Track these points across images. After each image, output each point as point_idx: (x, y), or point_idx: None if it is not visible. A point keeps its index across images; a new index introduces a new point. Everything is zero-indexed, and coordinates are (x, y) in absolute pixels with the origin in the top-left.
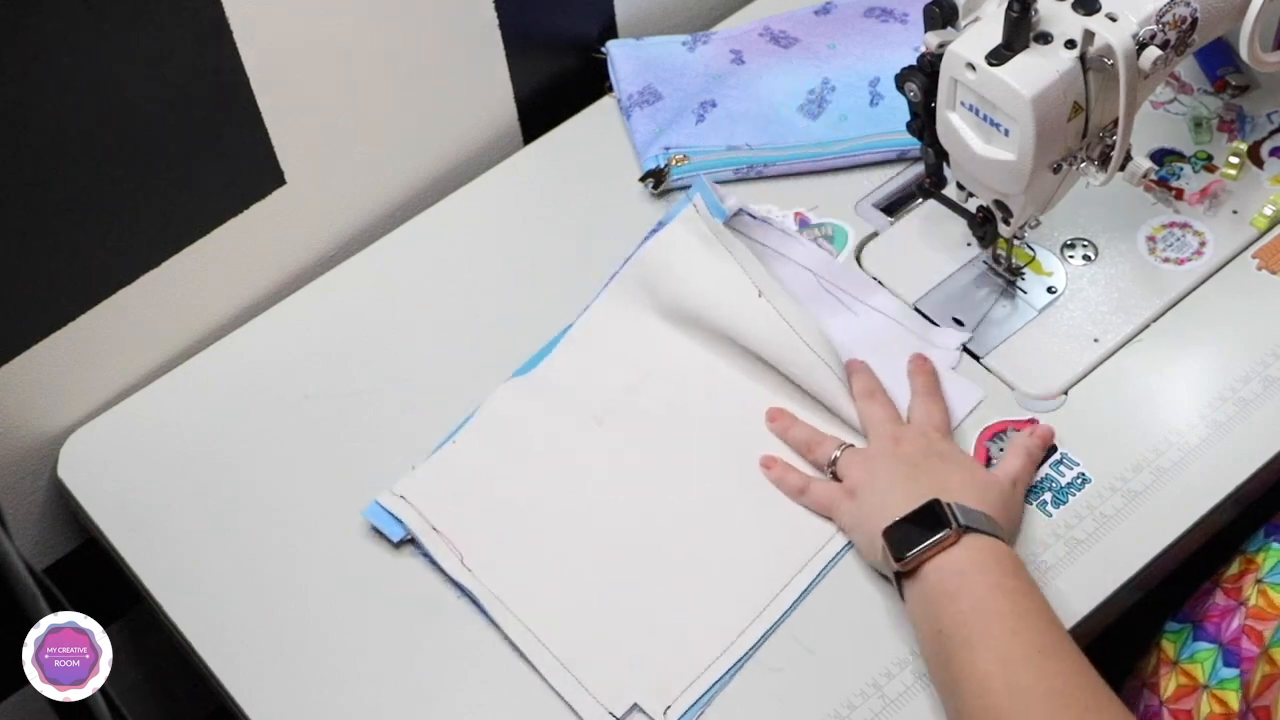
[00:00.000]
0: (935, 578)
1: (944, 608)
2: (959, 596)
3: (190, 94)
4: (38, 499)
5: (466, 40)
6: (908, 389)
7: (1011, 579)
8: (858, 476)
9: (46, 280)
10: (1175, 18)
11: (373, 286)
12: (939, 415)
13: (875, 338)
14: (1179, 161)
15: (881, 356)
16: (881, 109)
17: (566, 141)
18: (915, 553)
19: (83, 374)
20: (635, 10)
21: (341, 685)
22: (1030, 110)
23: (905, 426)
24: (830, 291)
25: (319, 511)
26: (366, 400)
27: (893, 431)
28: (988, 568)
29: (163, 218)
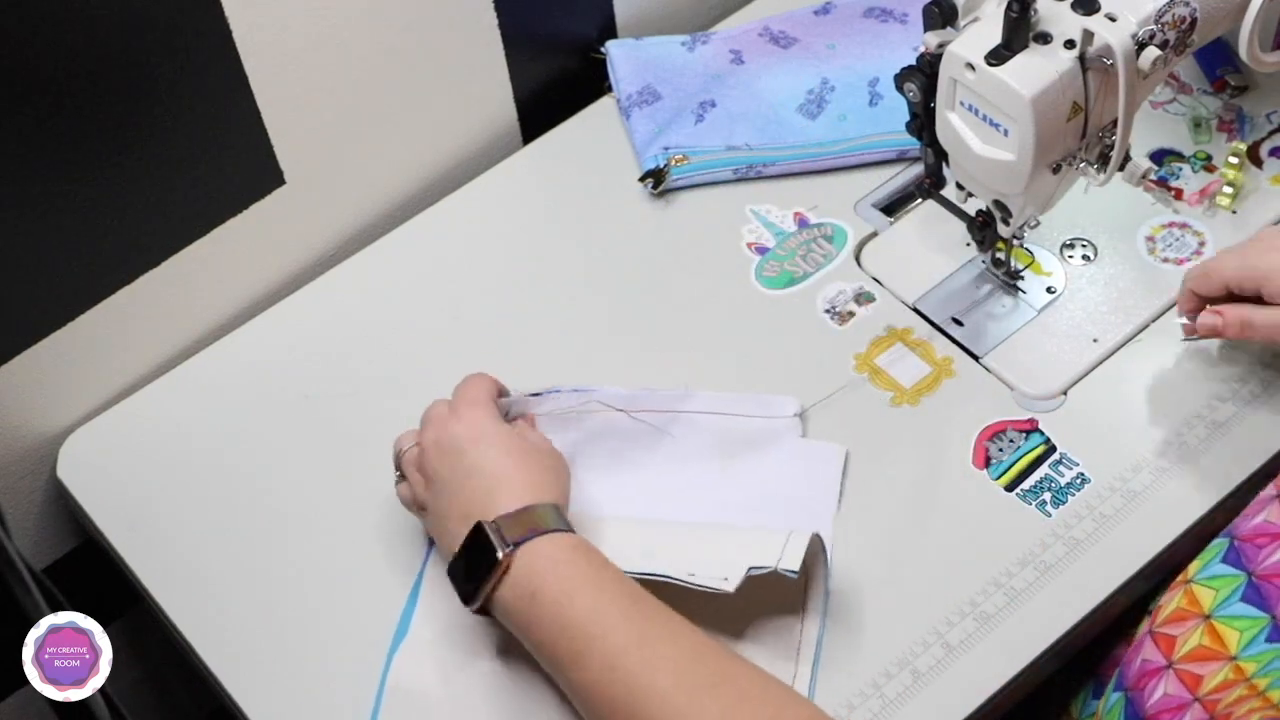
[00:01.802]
0: (509, 606)
1: (529, 632)
2: (538, 621)
3: (190, 94)
4: (37, 499)
5: (466, 40)
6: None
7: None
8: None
9: (46, 280)
10: (1174, 18)
11: (373, 286)
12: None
13: (715, 441)
14: (1178, 161)
15: (730, 457)
16: (881, 109)
17: (566, 141)
18: (480, 594)
19: (83, 374)
20: (635, 10)
21: (341, 685)
22: (1030, 110)
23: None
24: (644, 420)
25: (319, 511)
26: (366, 400)
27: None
28: (549, 577)
29: (163, 218)
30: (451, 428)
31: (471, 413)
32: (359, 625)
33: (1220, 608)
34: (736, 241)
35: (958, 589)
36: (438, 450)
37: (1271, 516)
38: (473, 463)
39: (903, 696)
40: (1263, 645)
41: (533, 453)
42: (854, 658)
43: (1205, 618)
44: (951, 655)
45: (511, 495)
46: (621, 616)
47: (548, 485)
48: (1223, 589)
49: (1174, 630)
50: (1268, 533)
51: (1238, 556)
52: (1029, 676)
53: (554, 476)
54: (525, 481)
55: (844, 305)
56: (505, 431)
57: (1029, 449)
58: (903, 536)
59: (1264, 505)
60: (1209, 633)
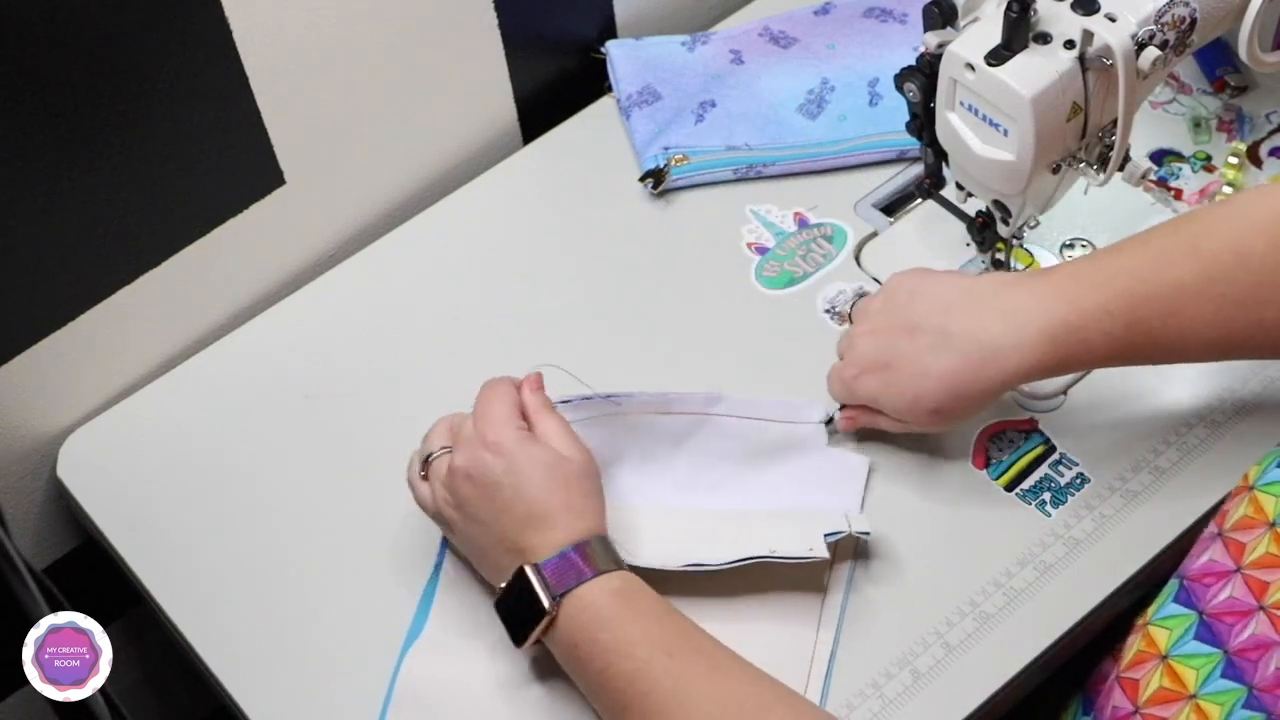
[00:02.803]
0: (554, 650)
1: (573, 675)
2: (581, 670)
3: (190, 93)
4: (37, 499)
5: (466, 40)
6: (804, 484)
7: (621, 631)
8: (447, 510)
9: (46, 280)
10: (1174, 18)
11: (373, 286)
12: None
13: (742, 445)
14: (1178, 162)
15: (756, 462)
16: (881, 109)
17: (566, 141)
18: (528, 639)
19: (83, 374)
20: (635, 10)
21: (341, 685)
22: (1029, 110)
23: (461, 466)
24: (672, 421)
25: (319, 511)
26: (366, 400)
27: (446, 474)
28: (593, 631)
29: (162, 218)
30: (483, 457)
31: (501, 438)
32: (359, 625)
33: (1175, 647)
34: (736, 241)
35: (958, 589)
36: (469, 480)
37: (1216, 556)
38: (509, 498)
39: (903, 696)
40: (1218, 682)
41: (569, 476)
42: (854, 658)
43: (1163, 658)
44: (951, 655)
45: (552, 532)
46: (663, 673)
47: (588, 510)
48: (1176, 628)
49: (1136, 674)
50: (1213, 572)
51: (1188, 596)
52: (1028, 677)
53: (592, 498)
54: (564, 514)
55: (844, 305)
56: (537, 458)
57: (1029, 449)
58: (902, 536)
59: (1208, 544)
60: (1168, 673)
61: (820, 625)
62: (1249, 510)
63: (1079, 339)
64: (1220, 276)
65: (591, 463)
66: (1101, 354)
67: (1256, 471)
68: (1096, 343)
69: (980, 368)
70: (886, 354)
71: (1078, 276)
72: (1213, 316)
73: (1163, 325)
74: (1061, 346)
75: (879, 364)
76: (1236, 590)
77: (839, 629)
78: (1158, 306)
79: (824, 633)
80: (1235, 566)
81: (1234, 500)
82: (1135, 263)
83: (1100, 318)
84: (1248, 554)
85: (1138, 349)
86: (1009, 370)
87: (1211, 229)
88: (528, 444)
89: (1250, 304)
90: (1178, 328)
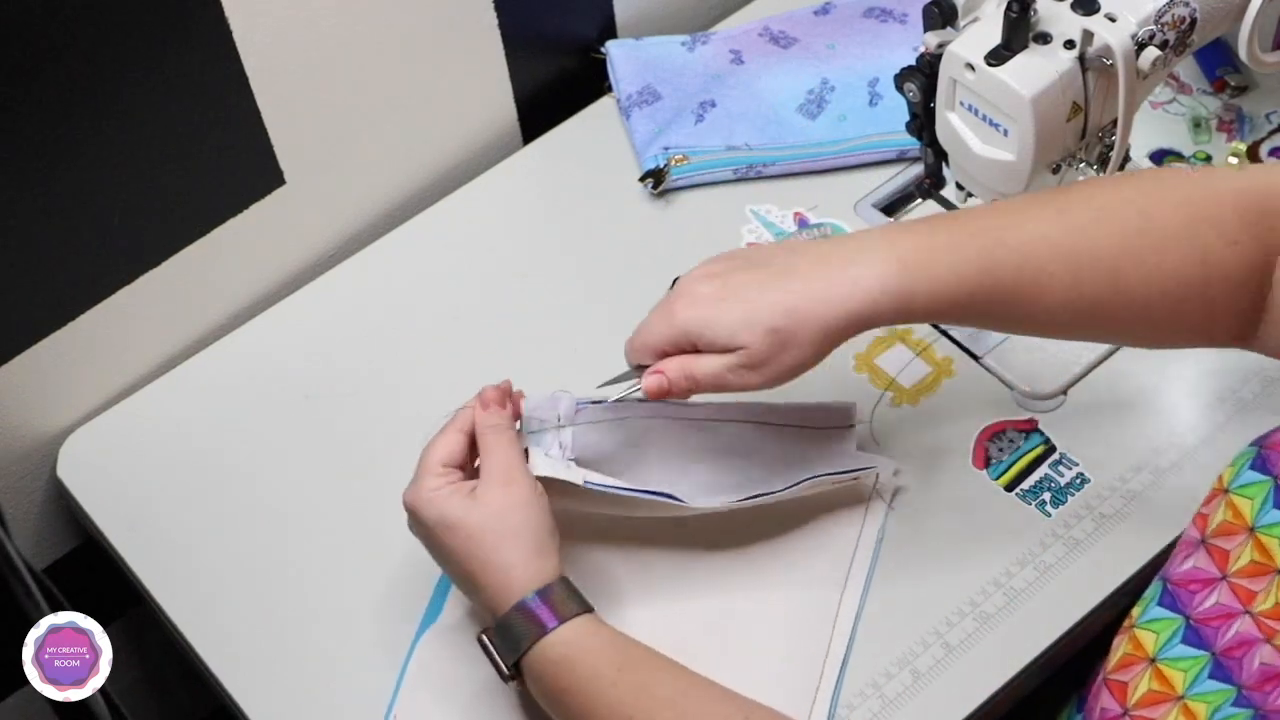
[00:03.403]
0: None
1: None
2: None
3: (190, 93)
4: (37, 499)
5: (466, 40)
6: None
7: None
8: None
9: (46, 280)
10: (1174, 18)
11: (373, 286)
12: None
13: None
14: (1178, 162)
15: (783, 466)
16: (881, 109)
17: (566, 141)
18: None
19: (83, 374)
20: (635, 10)
21: (341, 685)
22: (1029, 110)
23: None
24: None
25: (319, 511)
26: (366, 400)
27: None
28: (551, 689)
29: (163, 218)
30: (416, 512)
31: (424, 492)
32: (359, 625)
33: (1163, 650)
34: (736, 241)
35: (958, 589)
36: (414, 527)
37: (1200, 563)
38: (448, 553)
39: (903, 696)
40: (1206, 683)
41: (501, 524)
42: (854, 657)
43: (1151, 661)
44: (951, 655)
45: (493, 592)
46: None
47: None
48: (1163, 632)
49: (1124, 676)
50: (1198, 579)
51: (1173, 600)
52: (1028, 677)
53: (529, 538)
54: (501, 572)
55: None
56: (466, 509)
57: (1029, 449)
58: (903, 536)
59: (1191, 550)
60: (1156, 676)
61: (835, 626)
62: (1227, 515)
63: (927, 272)
64: (1081, 235)
65: (531, 500)
66: (951, 296)
67: (1230, 474)
68: (947, 279)
69: (825, 290)
70: (725, 283)
71: (932, 221)
72: (1070, 276)
73: (1018, 275)
74: (909, 276)
75: (717, 292)
76: (1223, 597)
77: (854, 631)
78: (1014, 252)
79: (837, 641)
80: (1221, 574)
81: (1211, 504)
82: (996, 212)
83: (950, 253)
84: (1232, 562)
85: (990, 297)
86: (855, 295)
87: (1077, 192)
88: (453, 498)
89: (1108, 270)
90: (1034, 280)
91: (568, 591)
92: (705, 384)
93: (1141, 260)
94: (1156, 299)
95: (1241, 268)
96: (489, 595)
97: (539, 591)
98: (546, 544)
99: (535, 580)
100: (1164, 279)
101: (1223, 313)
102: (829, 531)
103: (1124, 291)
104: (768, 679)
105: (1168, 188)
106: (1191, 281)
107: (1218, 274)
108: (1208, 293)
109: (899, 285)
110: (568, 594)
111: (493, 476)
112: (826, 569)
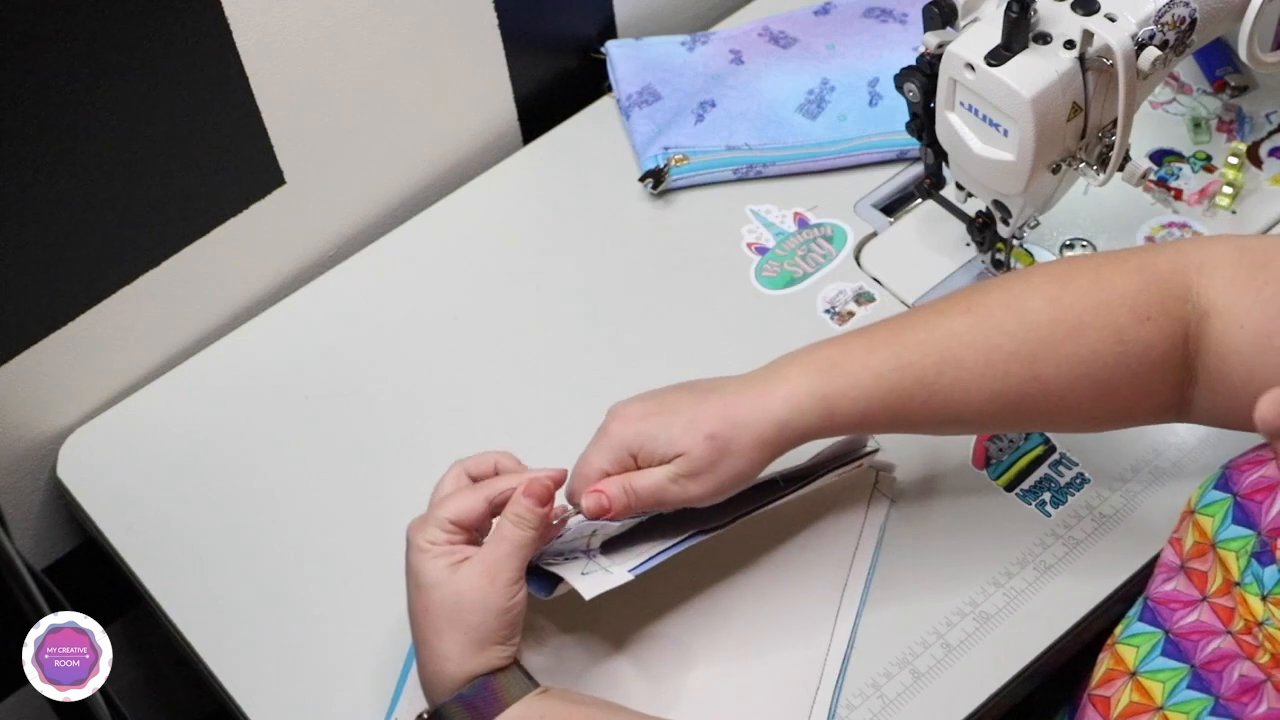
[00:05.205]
0: None
1: None
2: None
3: (190, 93)
4: (37, 499)
5: (466, 40)
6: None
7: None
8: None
9: (46, 280)
10: (1174, 18)
11: (373, 286)
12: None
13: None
14: (1178, 162)
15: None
16: (881, 109)
17: (566, 141)
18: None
19: (83, 374)
20: (635, 10)
21: (341, 685)
22: (1029, 111)
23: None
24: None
25: (319, 511)
26: (366, 400)
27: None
28: None
29: (162, 218)
30: (407, 549)
31: (421, 540)
32: (359, 625)
33: (1143, 663)
34: (736, 241)
35: (958, 589)
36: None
37: (1180, 586)
38: (411, 607)
39: (903, 696)
40: (1185, 693)
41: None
42: (854, 657)
43: (1131, 674)
44: (951, 655)
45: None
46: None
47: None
48: (1143, 645)
49: (1107, 691)
50: (1179, 600)
51: (1153, 616)
52: (1028, 677)
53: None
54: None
55: (844, 305)
56: (440, 580)
57: (1028, 449)
58: (902, 536)
59: (1171, 574)
60: (1137, 689)
61: (835, 626)
62: (1196, 536)
63: (846, 376)
64: (994, 328)
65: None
66: (870, 396)
67: (1197, 495)
68: (866, 381)
69: (756, 400)
70: (655, 405)
71: (850, 334)
72: (987, 368)
73: (937, 372)
74: (829, 383)
75: (653, 409)
76: (1204, 615)
77: (854, 631)
78: (930, 351)
79: (837, 641)
80: (1201, 596)
81: (1182, 526)
82: (910, 317)
83: (867, 354)
84: (1210, 584)
85: (913, 397)
86: (783, 405)
87: (988, 287)
88: (429, 567)
89: (1025, 359)
90: (953, 376)
91: (510, 680)
92: (645, 497)
93: (1055, 346)
94: (1080, 383)
95: (1160, 341)
96: (427, 675)
97: (466, 691)
98: (495, 638)
99: (465, 676)
100: (1081, 362)
101: (1152, 389)
102: (829, 531)
103: (1043, 378)
104: (768, 679)
105: (1075, 273)
106: (1109, 362)
107: (1136, 350)
108: (1129, 370)
109: (822, 391)
110: (507, 684)
111: (483, 565)
112: (826, 569)
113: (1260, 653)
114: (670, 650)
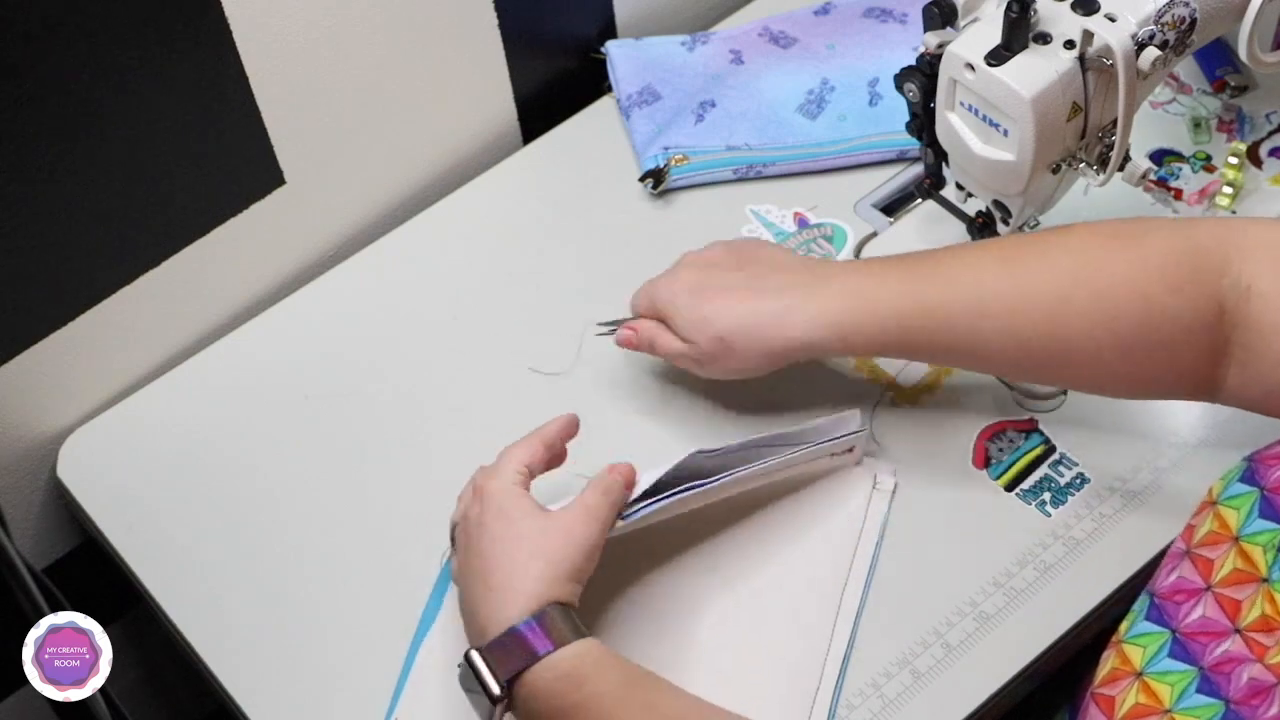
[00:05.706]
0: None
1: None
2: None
3: (189, 93)
4: (37, 499)
5: (466, 40)
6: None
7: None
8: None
9: (46, 280)
10: (1174, 18)
11: (373, 286)
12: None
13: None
14: (1178, 162)
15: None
16: (881, 109)
17: (566, 141)
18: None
19: (83, 374)
20: (635, 10)
21: (342, 685)
22: (1029, 110)
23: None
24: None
25: (319, 511)
26: (366, 400)
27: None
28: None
29: (162, 218)
30: (484, 492)
31: (505, 477)
32: (359, 624)
33: (1150, 664)
34: None
35: (958, 589)
36: (467, 509)
37: (1185, 573)
38: (485, 545)
39: (903, 696)
40: (1194, 697)
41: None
42: (854, 657)
43: (1138, 675)
44: (951, 655)
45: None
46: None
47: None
48: (1150, 645)
49: (1112, 691)
50: (1184, 590)
51: (1159, 614)
52: (1028, 677)
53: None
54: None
55: None
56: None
57: (1029, 449)
58: (902, 536)
59: (1176, 561)
60: (1144, 690)
61: (835, 626)
62: (1214, 526)
63: (871, 309)
64: (1020, 276)
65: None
66: (890, 331)
67: (1220, 486)
68: (887, 317)
69: (778, 315)
70: (706, 279)
71: (886, 261)
72: (1011, 318)
73: (959, 311)
74: (852, 310)
75: (695, 284)
76: (1209, 610)
77: (854, 631)
78: (959, 295)
79: (838, 641)
80: (1205, 585)
81: (1200, 515)
82: (944, 255)
83: (899, 287)
84: (1216, 571)
85: (934, 338)
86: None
87: (1028, 239)
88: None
89: (1044, 307)
90: (970, 318)
91: (567, 618)
92: (661, 353)
93: (1080, 304)
94: (1104, 343)
95: (1188, 313)
96: (492, 605)
97: (537, 614)
98: (576, 575)
99: (540, 601)
100: (1106, 323)
101: (1178, 359)
102: (829, 532)
103: (1064, 335)
104: (768, 679)
105: (1114, 233)
106: (1134, 326)
107: (1164, 320)
108: (1154, 338)
109: (842, 320)
110: (566, 620)
111: (584, 504)
112: (827, 569)
113: (1272, 653)
114: (670, 651)
